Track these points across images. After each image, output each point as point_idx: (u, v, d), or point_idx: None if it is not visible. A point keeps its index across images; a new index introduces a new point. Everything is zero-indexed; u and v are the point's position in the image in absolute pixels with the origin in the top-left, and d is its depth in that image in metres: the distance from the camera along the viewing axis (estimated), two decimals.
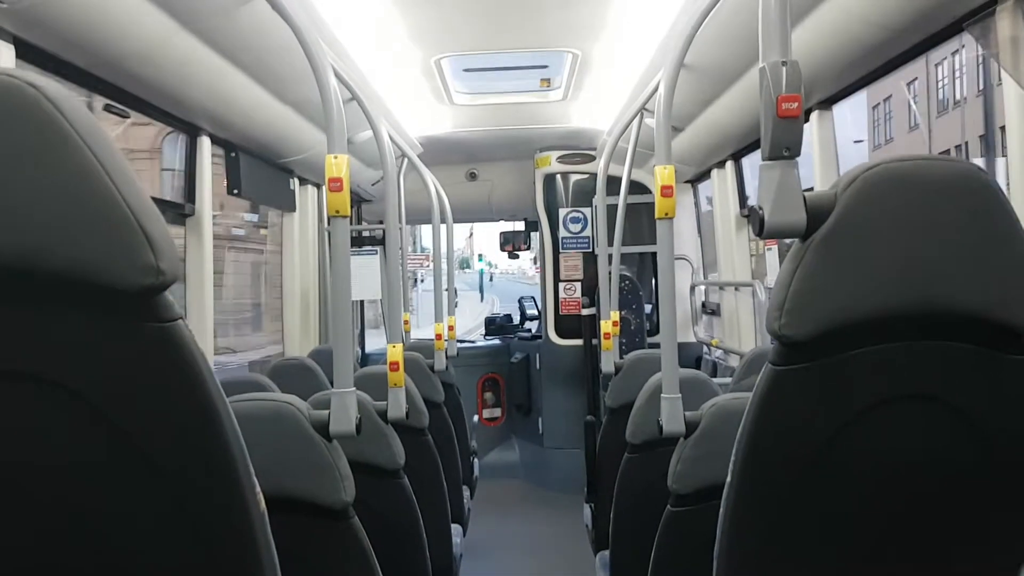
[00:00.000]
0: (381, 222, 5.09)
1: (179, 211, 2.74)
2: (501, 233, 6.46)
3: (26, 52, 1.74)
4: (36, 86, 0.80)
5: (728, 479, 1.10)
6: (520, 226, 6.36)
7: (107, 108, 2.27)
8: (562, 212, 5.24)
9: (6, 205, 0.79)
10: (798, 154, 1.06)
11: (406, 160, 3.71)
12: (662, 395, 1.80)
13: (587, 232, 5.22)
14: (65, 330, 0.84)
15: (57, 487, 0.87)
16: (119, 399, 0.85)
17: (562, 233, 5.24)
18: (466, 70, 3.90)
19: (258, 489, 0.93)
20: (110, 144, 0.83)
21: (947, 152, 14.68)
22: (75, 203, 0.80)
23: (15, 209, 0.80)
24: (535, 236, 6.17)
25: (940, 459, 1.04)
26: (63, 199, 0.80)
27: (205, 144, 2.79)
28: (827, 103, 2.62)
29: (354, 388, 1.64)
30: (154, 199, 0.87)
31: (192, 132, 2.76)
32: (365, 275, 4.58)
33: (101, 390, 0.85)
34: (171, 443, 0.87)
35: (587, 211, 5.20)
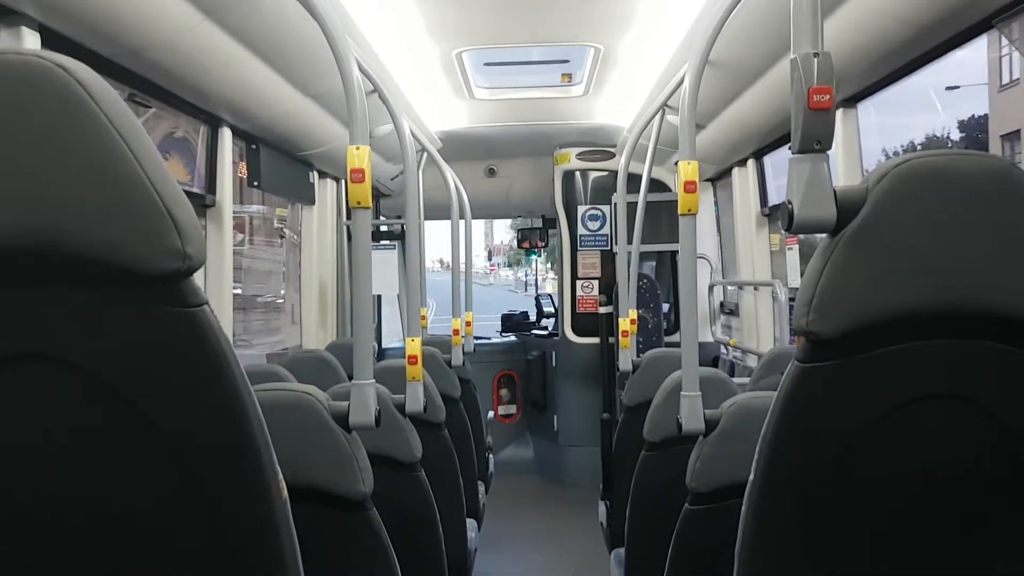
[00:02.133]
0: (399, 217, 5.10)
1: (200, 201, 2.75)
2: (519, 230, 6.46)
3: (51, 39, 1.75)
4: (66, 68, 0.79)
5: (751, 477, 1.08)
6: (538, 223, 6.36)
7: (130, 98, 2.28)
8: (580, 209, 5.23)
9: (33, 186, 0.79)
10: (829, 147, 1.05)
11: (425, 155, 3.71)
12: (682, 393, 1.79)
13: (605, 230, 5.20)
14: (89, 313, 0.84)
15: (79, 469, 0.87)
16: (143, 383, 0.85)
17: (580, 231, 5.23)
18: (487, 64, 3.89)
19: (280, 477, 0.93)
20: (138, 128, 0.83)
21: None
22: (102, 186, 0.80)
23: (42, 191, 0.80)
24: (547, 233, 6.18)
25: (970, 459, 1.02)
26: (90, 182, 0.80)
27: (226, 135, 2.79)
28: (852, 101, 2.59)
29: (374, 380, 1.64)
30: (182, 189, 0.87)
31: (214, 123, 2.77)
32: (383, 270, 4.59)
33: (124, 374, 0.85)
34: (195, 428, 0.87)
35: (606, 208, 5.18)
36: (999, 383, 1.01)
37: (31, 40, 1.68)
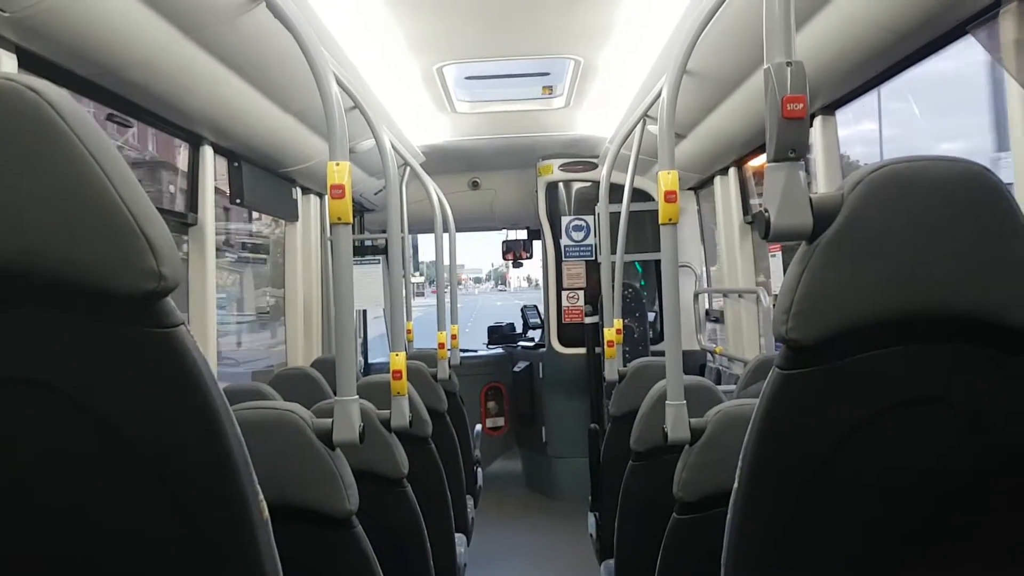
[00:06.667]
0: (383, 231, 5.09)
1: (182, 220, 2.74)
2: (503, 242, 6.46)
3: (28, 61, 1.74)
4: (36, 90, 0.79)
5: (735, 485, 1.08)
6: (523, 235, 6.37)
7: (110, 118, 2.27)
8: (565, 220, 5.24)
9: (4, 208, 0.79)
10: (804, 155, 1.06)
11: (408, 169, 3.71)
12: (667, 402, 1.79)
13: (590, 240, 5.21)
14: (65, 335, 0.83)
15: (55, 493, 0.86)
16: (119, 405, 0.84)
17: (565, 241, 5.24)
18: (468, 78, 3.91)
19: (261, 497, 0.92)
20: (111, 148, 0.82)
21: None
22: (75, 206, 0.80)
23: (14, 212, 0.79)
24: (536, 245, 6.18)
25: (952, 463, 1.03)
26: (62, 202, 0.79)
27: (208, 153, 2.78)
28: (830, 108, 2.62)
29: (357, 396, 1.63)
30: (156, 209, 0.86)
31: (195, 141, 2.76)
32: (368, 284, 4.58)
33: (101, 396, 0.84)
34: (172, 450, 0.86)
35: (590, 219, 5.20)
36: (980, 386, 1.01)
37: (8, 62, 1.67)
